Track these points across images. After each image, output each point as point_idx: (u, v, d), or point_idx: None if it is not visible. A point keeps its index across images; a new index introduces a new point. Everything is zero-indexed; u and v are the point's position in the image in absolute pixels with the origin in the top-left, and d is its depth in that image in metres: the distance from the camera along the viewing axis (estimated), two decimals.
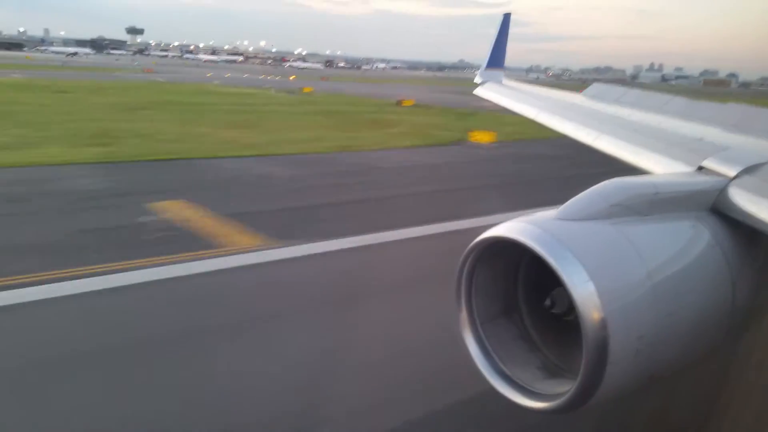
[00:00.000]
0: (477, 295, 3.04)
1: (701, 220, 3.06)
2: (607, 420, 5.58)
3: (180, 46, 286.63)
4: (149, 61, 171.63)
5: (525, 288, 3.13)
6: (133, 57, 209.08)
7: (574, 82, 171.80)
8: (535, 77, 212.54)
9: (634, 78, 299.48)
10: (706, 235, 3.00)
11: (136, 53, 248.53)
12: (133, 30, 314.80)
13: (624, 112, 6.27)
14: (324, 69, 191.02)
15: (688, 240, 2.93)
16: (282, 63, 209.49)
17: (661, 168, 4.10)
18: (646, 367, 2.67)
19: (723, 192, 3.20)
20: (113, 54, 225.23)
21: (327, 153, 26.42)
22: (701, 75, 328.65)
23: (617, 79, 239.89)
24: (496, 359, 3.00)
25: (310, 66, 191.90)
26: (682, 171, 3.79)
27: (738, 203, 3.09)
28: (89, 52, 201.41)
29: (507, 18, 11.91)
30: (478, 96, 10.79)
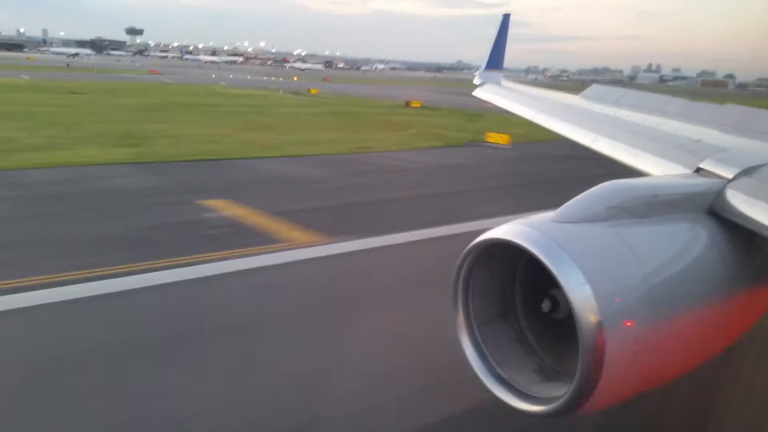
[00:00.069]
0: (474, 298, 3.05)
1: (699, 222, 3.06)
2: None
3: (179, 46, 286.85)
4: (150, 62, 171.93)
5: (522, 290, 3.14)
6: (133, 58, 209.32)
7: (572, 83, 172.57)
8: (534, 78, 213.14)
9: (632, 79, 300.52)
10: (703, 238, 3.00)
11: (135, 54, 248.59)
12: (133, 30, 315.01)
13: (622, 113, 6.29)
14: (325, 70, 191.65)
15: (685, 242, 2.93)
16: (283, 64, 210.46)
17: (659, 170, 4.13)
18: (642, 371, 2.66)
19: (720, 194, 3.20)
20: (113, 55, 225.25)
21: (350, 154, 27.12)
22: (699, 76, 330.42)
23: (615, 80, 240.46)
24: (492, 362, 2.99)
25: (310, 67, 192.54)
26: (680, 173, 3.80)
27: (735, 205, 3.10)
28: (90, 53, 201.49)
29: (506, 19, 11.99)
30: (477, 97, 10.98)
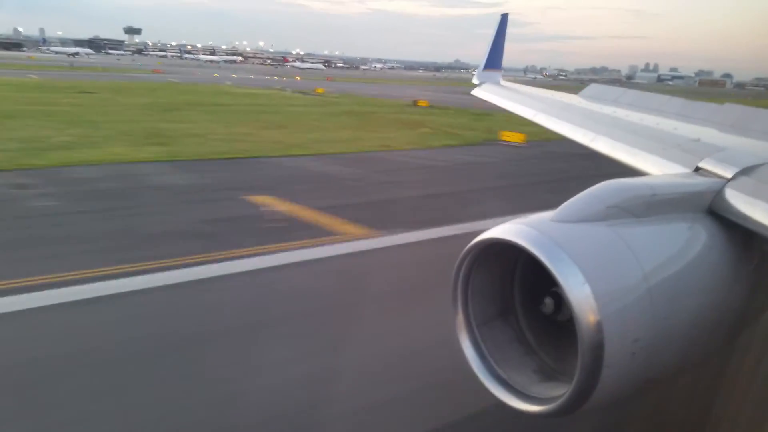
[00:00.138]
0: (473, 298, 3.05)
1: (698, 221, 3.07)
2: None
3: (178, 46, 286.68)
4: (150, 62, 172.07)
5: (521, 290, 3.15)
6: (133, 57, 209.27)
7: (570, 82, 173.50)
8: (533, 78, 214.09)
9: (629, 78, 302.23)
10: (702, 237, 3.00)
11: (134, 53, 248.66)
12: (131, 30, 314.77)
13: (621, 112, 6.30)
14: (326, 69, 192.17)
15: (684, 242, 2.94)
16: (283, 63, 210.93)
17: (658, 169, 4.13)
18: (642, 371, 2.68)
19: (719, 193, 3.20)
20: (111, 54, 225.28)
21: (372, 152, 27.63)
22: (696, 75, 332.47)
23: (613, 80, 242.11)
24: (491, 362, 3.00)
25: (310, 66, 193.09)
26: (679, 172, 3.81)
27: (734, 205, 3.09)
28: (90, 52, 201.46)
29: (504, 19, 12.00)
30: (476, 97, 11.07)
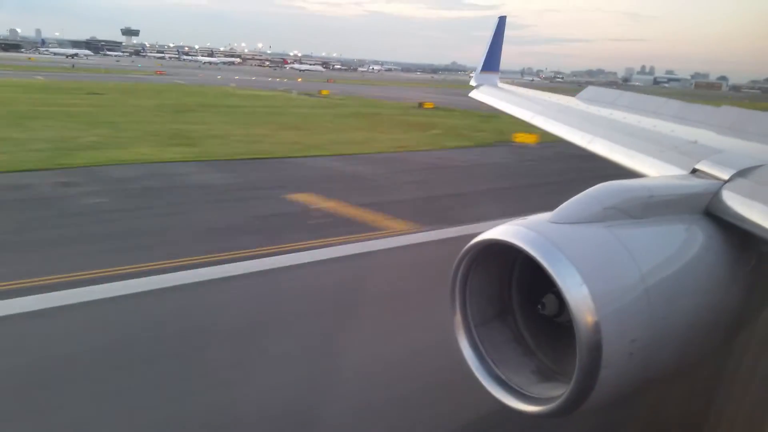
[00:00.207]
0: (471, 299, 3.08)
1: (695, 223, 3.09)
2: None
3: (176, 47, 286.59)
4: (150, 63, 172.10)
5: (519, 291, 3.17)
6: (132, 59, 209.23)
7: (567, 84, 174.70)
8: (530, 80, 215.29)
9: (626, 81, 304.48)
10: (699, 238, 3.02)
11: (132, 55, 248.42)
12: (129, 31, 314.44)
13: (618, 115, 6.36)
14: (325, 71, 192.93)
15: (681, 243, 2.95)
16: (283, 65, 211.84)
17: (656, 171, 4.16)
18: (640, 371, 2.68)
19: (716, 195, 3.22)
20: (109, 55, 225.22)
21: (390, 153, 28.23)
22: (693, 78, 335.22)
23: (609, 82, 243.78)
24: (490, 363, 3.01)
25: (310, 68, 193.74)
26: (676, 174, 3.84)
27: (731, 206, 3.12)
28: (89, 53, 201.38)
29: (502, 21, 12.08)
30: (474, 98, 11.19)
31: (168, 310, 9.44)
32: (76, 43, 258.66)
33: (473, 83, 11.66)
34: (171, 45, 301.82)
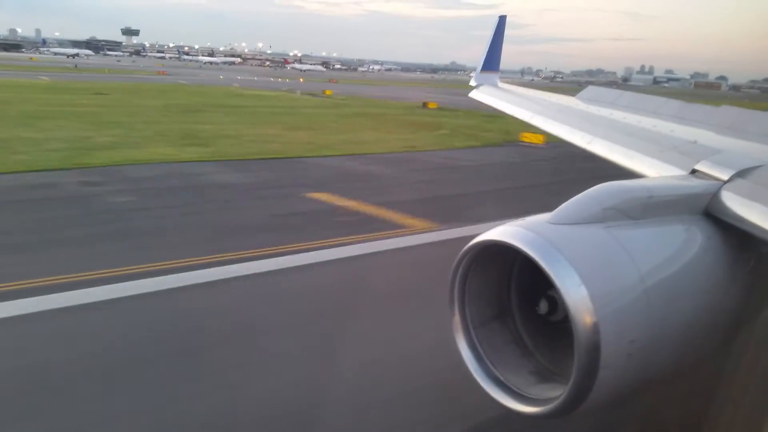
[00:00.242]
0: (470, 300, 3.08)
1: (694, 223, 3.08)
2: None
3: (176, 47, 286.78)
4: (150, 63, 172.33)
5: (518, 292, 3.17)
6: (133, 59, 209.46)
7: (567, 84, 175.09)
8: (530, 79, 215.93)
9: (625, 80, 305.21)
10: (698, 239, 3.01)
11: (132, 54, 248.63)
12: (129, 31, 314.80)
13: (618, 115, 6.33)
14: (326, 71, 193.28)
15: (681, 244, 2.95)
16: (284, 65, 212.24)
17: (655, 171, 4.15)
18: (638, 372, 2.69)
19: (716, 195, 3.22)
20: (109, 55, 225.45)
21: (400, 153, 28.52)
22: (692, 78, 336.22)
23: (609, 81, 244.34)
24: (488, 364, 3.01)
25: (310, 68, 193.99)
26: (675, 174, 3.82)
27: (730, 207, 3.11)
28: (89, 53, 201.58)
29: (502, 21, 12.03)
30: (473, 98, 11.17)
31: (233, 298, 10.06)
32: (76, 43, 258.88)
33: (473, 83, 11.71)
34: (171, 45, 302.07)
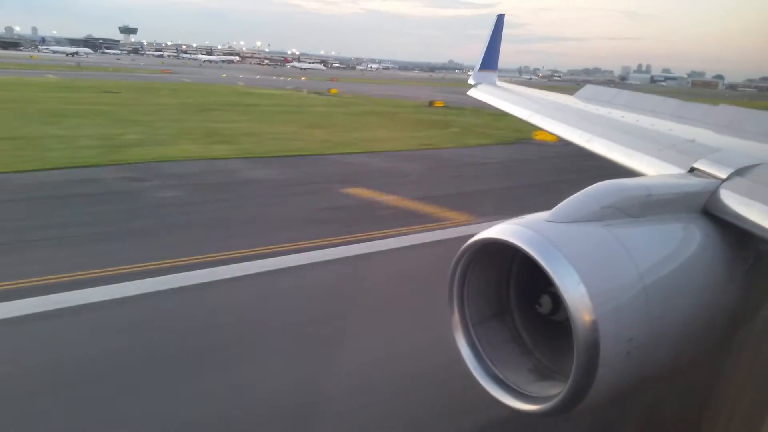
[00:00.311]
0: (469, 298, 3.10)
1: (692, 221, 3.10)
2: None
3: (174, 45, 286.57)
4: (150, 61, 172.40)
5: (517, 290, 3.19)
6: (132, 57, 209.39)
7: (565, 83, 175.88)
8: (528, 78, 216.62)
9: (623, 79, 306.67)
10: (697, 237, 3.03)
11: (130, 53, 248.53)
12: (127, 29, 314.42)
13: (616, 113, 6.35)
14: (325, 69, 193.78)
15: (679, 242, 2.97)
16: (284, 63, 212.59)
17: (654, 170, 4.17)
18: (637, 370, 2.70)
19: (714, 194, 3.23)
20: (107, 53, 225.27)
21: (418, 150, 29.10)
22: (689, 76, 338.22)
23: (606, 80, 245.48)
24: (487, 362, 3.03)
25: (310, 66, 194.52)
26: (674, 173, 3.84)
27: (729, 205, 3.12)
28: (89, 51, 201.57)
29: (500, 19, 12.04)
30: (472, 97, 11.28)
31: (309, 284, 10.69)
32: (73, 41, 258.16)
33: (471, 81, 11.74)
34: (169, 43, 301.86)
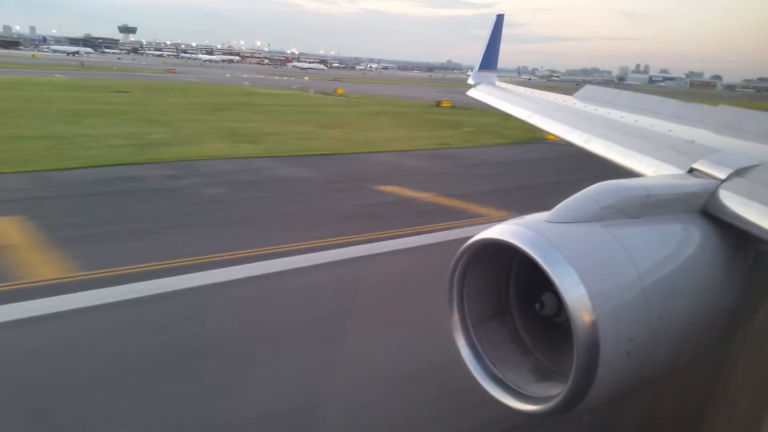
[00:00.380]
0: (469, 298, 3.12)
1: (692, 222, 3.11)
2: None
3: (173, 45, 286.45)
4: (151, 61, 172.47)
5: (516, 290, 3.21)
6: (133, 57, 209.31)
7: (563, 83, 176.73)
8: (527, 78, 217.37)
9: (621, 79, 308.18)
10: (696, 237, 3.04)
11: (130, 52, 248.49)
12: (126, 29, 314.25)
13: (616, 114, 6.36)
14: (326, 69, 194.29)
15: (678, 242, 2.97)
16: (285, 63, 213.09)
17: (653, 170, 4.18)
18: (637, 370, 2.71)
19: (713, 194, 3.24)
20: (107, 53, 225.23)
21: (437, 149, 29.57)
22: (687, 77, 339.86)
23: (605, 81, 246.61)
24: (487, 362, 3.05)
25: (311, 66, 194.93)
26: (673, 173, 3.85)
27: (728, 206, 3.13)
28: (90, 51, 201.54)
29: (500, 19, 12.05)
30: (472, 97, 11.39)
31: (364, 274, 11.10)
32: (73, 41, 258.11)
33: (471, 81, 11.79)
34: (168, 42, 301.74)
